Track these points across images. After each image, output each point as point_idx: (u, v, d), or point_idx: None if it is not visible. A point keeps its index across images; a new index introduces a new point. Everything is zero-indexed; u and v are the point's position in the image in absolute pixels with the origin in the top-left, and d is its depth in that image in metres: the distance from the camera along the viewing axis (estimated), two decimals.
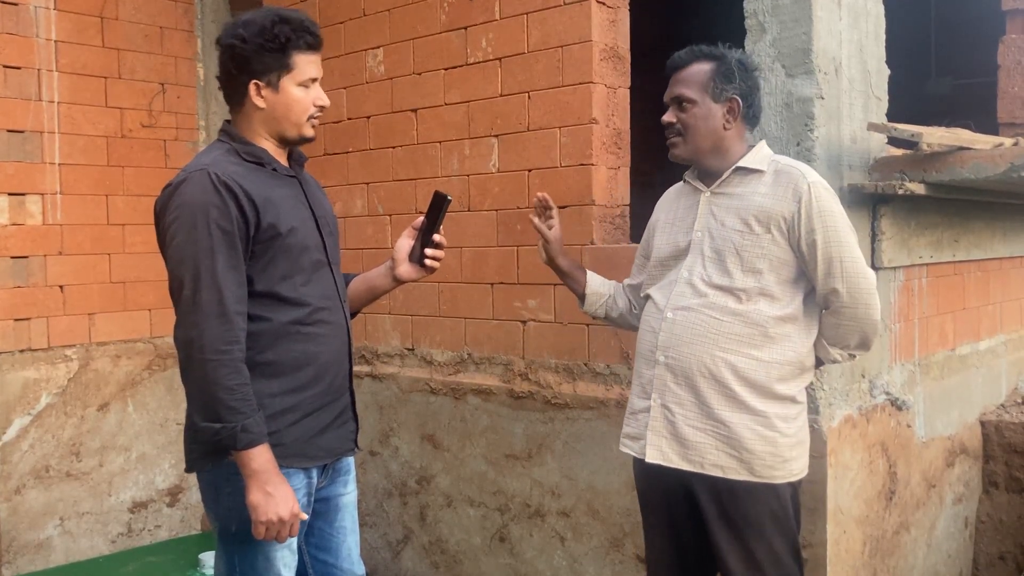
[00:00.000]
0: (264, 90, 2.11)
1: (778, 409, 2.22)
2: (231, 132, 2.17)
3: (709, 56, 2.29)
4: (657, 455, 2.28)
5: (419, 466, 3.80)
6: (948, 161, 2.73)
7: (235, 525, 2.08)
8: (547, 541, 3.38)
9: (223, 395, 1.95)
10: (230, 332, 1.97)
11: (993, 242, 3.77)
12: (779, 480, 2.22)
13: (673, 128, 2.31)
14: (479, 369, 3.60)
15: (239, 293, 2.01)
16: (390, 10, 3.85)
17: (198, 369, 1.96)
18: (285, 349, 2.09)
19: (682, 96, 2.28)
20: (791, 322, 2.24)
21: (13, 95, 4.13)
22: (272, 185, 2.12)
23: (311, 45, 2.13)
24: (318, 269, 2.17)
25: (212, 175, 2.01)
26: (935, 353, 3.43)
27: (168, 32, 4.66)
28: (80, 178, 4.35)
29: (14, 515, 4.15)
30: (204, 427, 1.97)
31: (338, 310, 2.22)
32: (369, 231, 4.00)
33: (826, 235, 2.17)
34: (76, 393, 4.34)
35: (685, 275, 2.30)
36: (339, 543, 2.32)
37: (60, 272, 4.30)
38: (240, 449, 1.96)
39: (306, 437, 2.13)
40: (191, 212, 1.99)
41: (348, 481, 2.35)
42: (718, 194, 2.31)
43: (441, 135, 3.69)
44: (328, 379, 2.18)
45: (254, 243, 2.04)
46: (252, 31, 2.08)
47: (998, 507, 3.72)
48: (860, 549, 2.88)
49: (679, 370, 2.25)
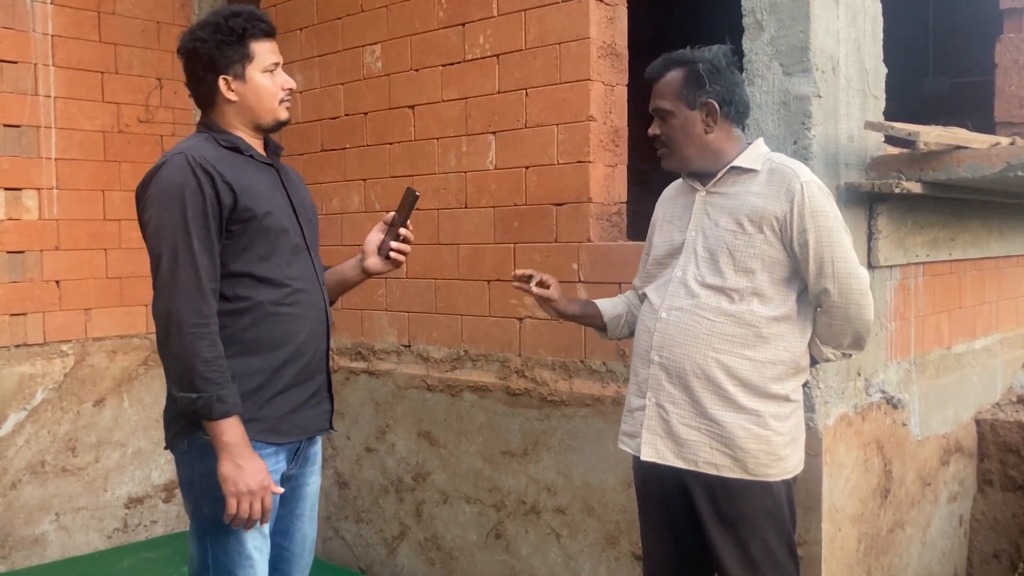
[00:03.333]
0: (233, 83, 2.21)
1: (772, 408, 2.22)
2: (209, 123, 2.27)
3: (679, 62, 2.28)
4: (652, 453, 2.29)
5: (415, 463, 3.80)
6: (945, 160, 2.73)
7: (207, 506, 2.14)
8: (543, 538, 3.38)
9: (200, 366, 2.02)
10: (207, 306, 2.06)
11: (989, 241, 3.78)
12: (773, 478, 2.22)
13: (659, 140, 2.32)
14: (475, 366, 3.60)
15: (212, 271, 2.09)
16: (388, 6, 3.85)
17: (176, 341, 2.03)
18: (264, 328, 2.16)
19: (660, 108, 2.29)
20: (785, 322, 2.24)
21: (9, 89, 4.12)
22: (249, 170, 2.21)
23: (266, 32, 2.23)
24: (297, 252, 2.25)
25: (190, 158, 2.10)
26: (931, 352, 3.44)
27: (165, 27, 4.64)
28: (76, 173, 4.34)
29: (9, 510, 4.14)
30: (181, 397, 2.04)
31: (316, 292, 2.29)
32: (366, 227, 3.95)
33: (818, 235, 2.17)
34: (72, 388, 4.34)
35: (679, 275, 2.30)
36: (295, 529, 2.38)
37: (56, 267, 4.29)
38: (215, 419, 2.03)
39: (282, 413, 2.19)
40: (168, 192, 2.08)
41: (314, 472, 2.41)
42: (713, 193, 2.31)
43: (438, 132, 3.68)
44: (305, 358, 2.24)
45: (230, 223, 2.12)
46: (209, 30, 2.19)
47: (992, 506, 3.73)
48: (855, 547, 2.89)
49: (673, 370, 2.26)
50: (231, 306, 2.13)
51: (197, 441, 2.12)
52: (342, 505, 4.12)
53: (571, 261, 3.29)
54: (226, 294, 2.13)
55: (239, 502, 2.04)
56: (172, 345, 2.04)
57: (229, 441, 2.04)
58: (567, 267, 3.29)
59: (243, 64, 2.20)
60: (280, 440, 2.20)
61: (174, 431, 2.18)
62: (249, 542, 2.16)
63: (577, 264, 3.27)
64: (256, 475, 2.05)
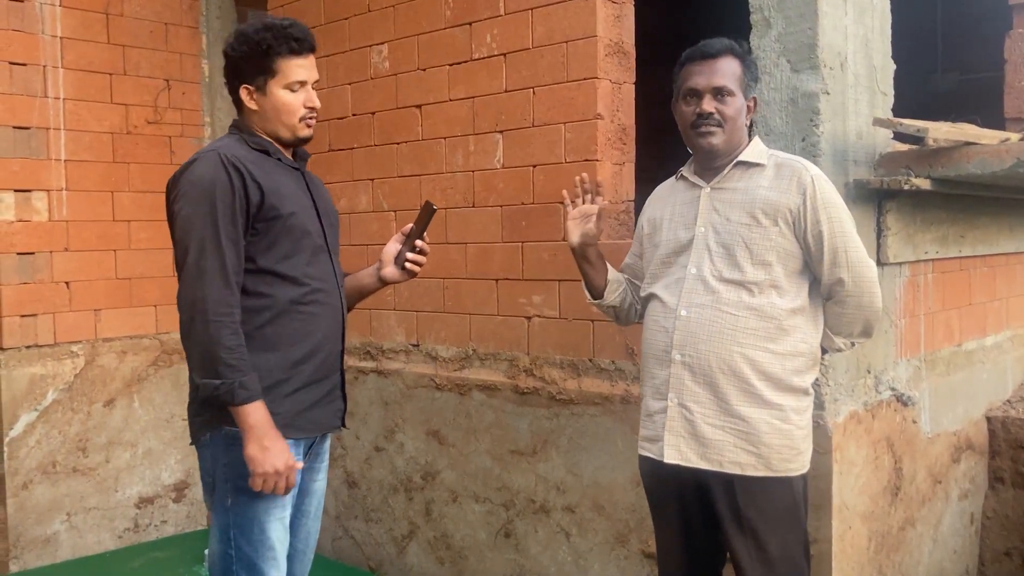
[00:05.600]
0: (254, 94, 2.27)
1: (792, 401, 2.24)
2: (240, 125, 2.34)
3: (739, 52, 2.31)
4: (676, 455, 2.27)
5: (424, 462, 3.81)
6: (954, 156, 2.72)
7: (230, 497, 2.19)
8: (552, 537, 3.38)
9: (223, 354, 2.07)
10: (231, 296, 2.12)
11: (999, 238, 3.76)
12: (794, 472, 2.24)
13: (713, 118, 2.26)
14: (484, 365, 3.60)
15: (237, 264, 2.15)
16: (395, 6, 3.85)
17: (201, 329, 2.08)
18: (283, 325, 2.22)
19: (722, 87, 2.26)
20: (800, 314, 2.25)
21: (19, 91, 4.14)
22: (277, 172, 2.27)
23: (294, 50, 2.25)
24: (318, 253, 2.30)
25: (222, 155, 2.16)
26: (941, 349, 3.43)
27: (173, 28, 4.66)
28: (86, 174, 4.36)
29: (21, 511, 4.16)
30: (204, 383, 2.09)
31: (335, 293, 2.35)
32: (374, 227, 4.00)
33: (831, 226, 2.20)
34: (82, 389, 4.36)
35: (693, 271, 2.29)
36: (300, 525, 2.42)
37: (66, 268, 4.31)
38: (238, 404, 2.08)
39: (298, 410, 2.24)
40: (199, 187, 2.14)
41: (322, 469, 2.46)
42: (719, 189, 2.31)
43: (446, 131, 3.69)
44: (322, 356, 2.29)
45: (256, 221, 2.18)
46: (239, 40, 2.26)
47: (1004, 503, 3.71)
48: (865, 545, 2.88)
49: (697, 368, 2.24)
50: (252, 302, 2.19)
51: (221, 432, 2.17)
52: (351, 504, 4.12)
53: None
54: (248, 289, 2.18)
55: (265, 481, 2.10)
56: (196, 332, 2.09)
57: (254, 424, 2.09)
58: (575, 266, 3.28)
59: (265, 79, 2.25)
60: (297, 435, 2.25)
61: (198, 423, 2.23)
62: (272, 533, 2.21)
63: None
64: (281, 455, 2.11)
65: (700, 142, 2.29)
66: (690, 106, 2.29)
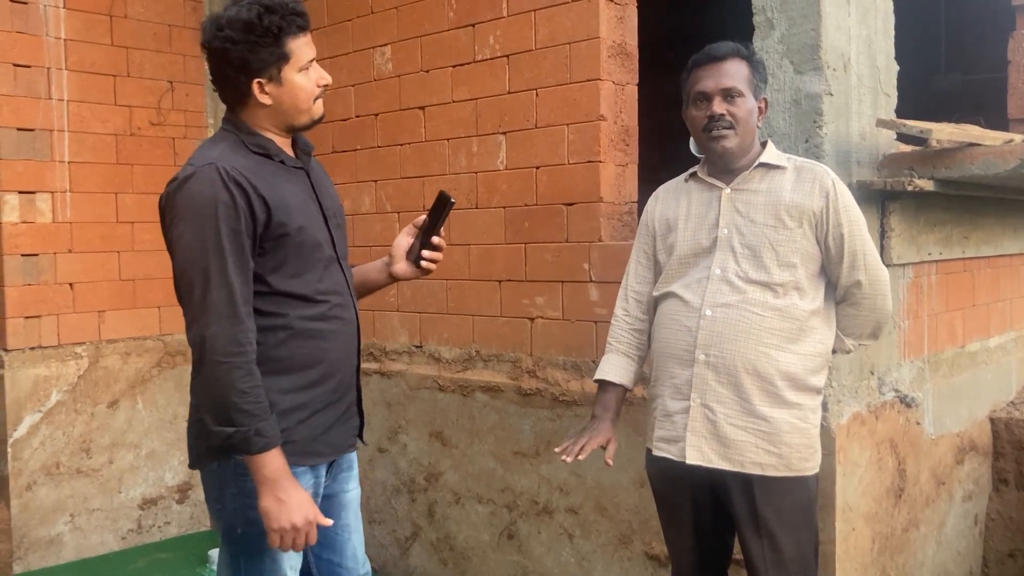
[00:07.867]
0: (268, 86, 2.04)
1: (809, 401, 2.26)
2: (236, 123, 2.11)
3: (746, 54, 2.31)
4: (697, 456, 2.26)
5: (427, 463, 3.81)
6: (958, 157, 2.72)
7: (240, 527, 2.05)
8: (555, 538, 3.38)
9: (236, 399, 1.90)
10: (242, 333, 1.93)
11: (1003, 239, 3.75)
12: (810, 471, 2.26)
13: (724, 120, 2.24)
14: (487, 366, 3.60)
15: (247, 293, 1.97)
16: (398, 8, 3.85)
17: (210, 371, 1.92)
18: (297, 346, 2.06)
19: (732, 88, 2.25)
20: (818, 315, 2.28)
21: (22, 93, 4.14)
22: (281, 179, 2.07)
23: (301, 27, 2.05)
24: (328, 266, 2.14)
25: (221, 170, 1.95)
26: (944, 350, 3.42)
27: (176, 30, 4.66)
28: (89, 176, 4.37)
29: (25, 511, 4.17)
30: (216, 431, 1.93)
31: (349, 306, 2.19)
32: (377, 228, 4.00)
33: (851, 229, 2.24)
34: (86, 390, 4.36)
35: (718, 272, 2.27)
36: (344, 541, 2.29)
37: (70, 270, 4.31)
38: (253, 454, 1.93)
39: (315, 435, 2.10)
40: (199, 208, 1.93)
41: (351, 478, 2.31)
42: (740, 190, 2.30)
43: (449, 132, 3.69)
44: (338, 376, 2.15)
45: (264, 240, 2.00)
46: (240, 30, 1.98)
47: (1008, 504, 3.71)
48: (869, 546, 2.87)
49: (722, 368, 2.24)
50: (262, 322, 2.01)
51: (229, 460, 2.01)
52: None
53: (582, 261, 3.28)
54: (258, 310, 2.01)
55: (283, 538, 1.95)
56: (206, 375, 1.93)
57: (270, 475, 1.93)
58: (578, 267, 3.29)
59: (279, 66, 2.02)
60: (315, 462, 2.12)
61: (202, 449, 2.07)
62: (285, 562, 2.08)
63: (588, 264, 3.27)
64: (299, 509, 1.95)
65: (714, 146, 2.27)
66: (700, 110, 2.28)
